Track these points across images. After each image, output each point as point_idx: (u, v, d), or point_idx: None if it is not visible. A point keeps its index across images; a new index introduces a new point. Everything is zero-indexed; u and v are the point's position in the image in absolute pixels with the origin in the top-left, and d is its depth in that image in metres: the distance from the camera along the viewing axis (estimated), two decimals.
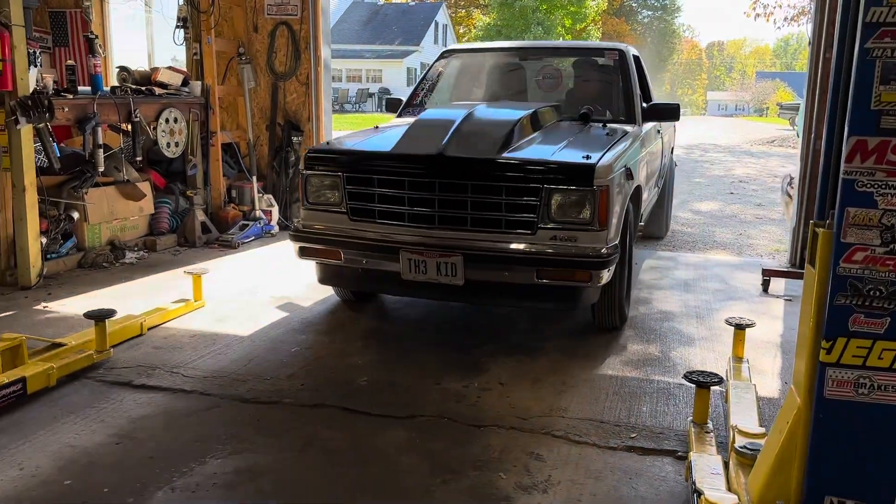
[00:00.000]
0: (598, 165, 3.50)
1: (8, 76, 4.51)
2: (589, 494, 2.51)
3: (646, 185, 4.83)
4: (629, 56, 5.28)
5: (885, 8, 1.69)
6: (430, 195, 3.62)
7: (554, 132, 4.27)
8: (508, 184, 3.54)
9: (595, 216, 3.48)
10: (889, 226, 1.76)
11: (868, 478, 1.87)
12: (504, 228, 3.56)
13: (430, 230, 3.63)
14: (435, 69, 5.72)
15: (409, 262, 3.62)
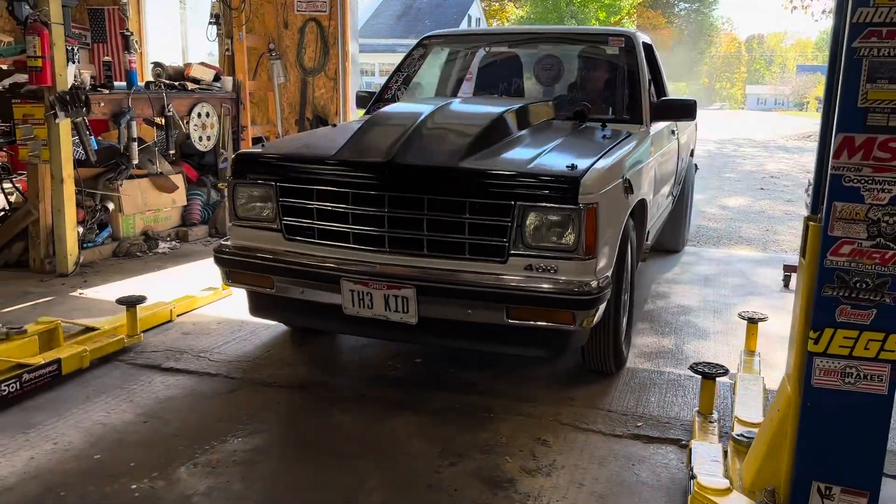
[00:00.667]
0: (584, 177, 2.80)
1: (47, 72, 4.70)
2: (591, 478, 2.59)
3: (654, 196, 4.08)
4: (638, 43, 4.43)
5: (872, 9, 1.74)
6: (378, 212, 2.95)
7: (539, 134, 3.54)
8: (472, 199, 2.84)
9: (581, 241, 2.78)
10: (875, 220, 1.81)
11: (853, 464, 1.93)
12: (468, 254, 2.88)
13: (379, 254, 2.98)
14: (413, 58, 4.86)
15: (351, 293, 2.94)
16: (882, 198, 1.80)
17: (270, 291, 3.20)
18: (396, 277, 2.90)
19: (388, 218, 2.95)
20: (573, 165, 2.87)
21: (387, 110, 3.78)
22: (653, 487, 2.56)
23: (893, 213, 1.80)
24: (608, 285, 2.92)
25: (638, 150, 3.63)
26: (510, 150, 3.17)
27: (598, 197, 2.82)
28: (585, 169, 2.87)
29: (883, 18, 1.74)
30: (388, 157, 2.98)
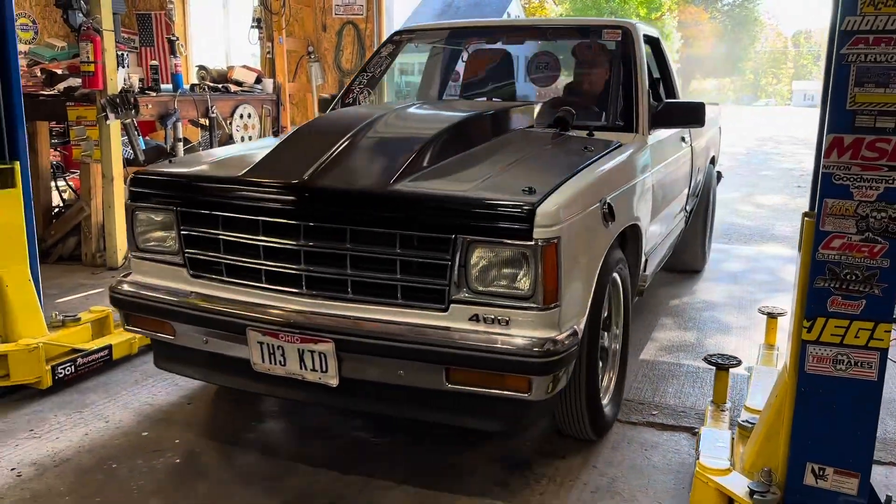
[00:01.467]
0: (542, 205, 2.22)
1: (99, 77, 4.99)
2: (604, 461, 2.73)
3: (655, 217, 3.52)
4: (636, 37, 3.73)
5: (859, 17, 1.85)
6: (292, 245, 2.41)
7: (504, 148, 2.93)
8: (404, 231, 2.29)
9: (538, 286, 2.21)
10: (864, 216, 1.92)
11: (845, 446, 2.04)
12: (401, 299, 2.34)
13: (296, 298, 2.44)
14: (380, 56, 4.21)
15: (259, 346, 2.42)
16: (870, 195, 1.91)
17: (171, 340, 2.68)
18: (311, 329, 2.35)
19: (304, 253, 2.40)
20: (530, 189, 2.28)
21: (321, 118, 3.30)
22: (663, 471, 2.69)
23: (881, 209, 1.90)
24: (575, 341, 2.32)
25: (629, 164, 3.09)
26: (459, 169, 2.60)
27: (562, 229, 2.24)
28: (545, 194, 2.28)
29: (869, 26, 1.84)
30: (304, 178, 2.41)
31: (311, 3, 7.44)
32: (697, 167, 4.72)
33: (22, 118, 3.36)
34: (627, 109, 3.52)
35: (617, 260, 2.84)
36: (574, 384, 2.61)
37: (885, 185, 1.90)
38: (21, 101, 3.36)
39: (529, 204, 2.22)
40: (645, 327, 4.25)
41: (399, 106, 3.26)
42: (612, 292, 2.89)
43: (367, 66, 4.21)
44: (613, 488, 2.55)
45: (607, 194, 2.69)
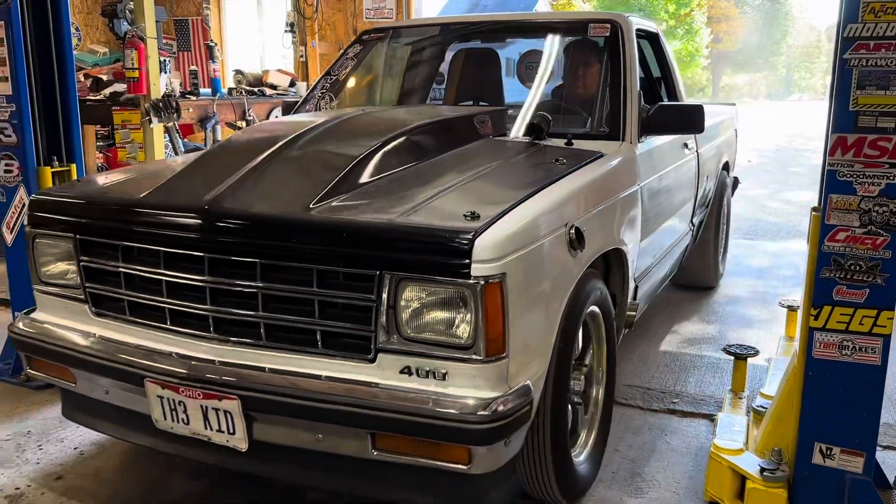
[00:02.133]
0: (481, 236, 1.83)
1: (143, 82, 5.24)
2: (626, 445, 2.88)
3: (645, 238, 3.07)
4: (626, 33, 3.26)
5: (860, 24, 1.98)
6: (197, 280, 2.06)
7: (457, 162, 2.52)
8: (321, 265, 1.94)
9: (479, 334, 1.84)
10: (866, 210, 2.05)
11: (850, 427, 2.16)
12: (321, 347, 1.98)
13: (204, 343, 2.09)
14: (346, 58, 3.81)
15: (160, 401, 2.09)
16: (872, 190, 2.04)
17: (73, 388, 2.36)
18: (213, 383, 2.00)
19: (209, 290, 2.05)
20: (473, 214, 1.91)
21: (245, 131, 3.00)
22: (681, 454, 2.83)
23: (883, 203, 2.03)
24: (529, 399, 1.95)
25: (609, 178, 2.70)
26: (398, 189, 2.20)
27: (509, 264, 1.86)
28: (490, 220, 1.90)
29: (870, 33, 1.97)
30: (207, 201, 2.07)
31: (342, 7, 7.65)
32: (706, 175, 4.26)
33: (77, 123, 3.59)
34: (614, 114, 3.07)
35: (593, 291, 2.41)
36: (535, 443, 2.19)
37: (887, 181, 2.02)
38: (77, 108, 3.59)
39: (466, 234, 1.82)
40: (668, 320, 4.37)
41: (341, 114, 2.81)
42: (591, 328, 2.54)
43: (331, 68, 3.79)
44: (633, 469, 2.70)
45: (577, 216, 2.28)
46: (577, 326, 2.29)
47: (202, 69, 7.22)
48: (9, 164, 3.39)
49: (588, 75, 3.45)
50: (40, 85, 3.47)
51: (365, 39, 3.89)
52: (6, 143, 3.38)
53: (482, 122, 2.96)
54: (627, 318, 2.91)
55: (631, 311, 2.91)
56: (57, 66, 3.52)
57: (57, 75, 3.52)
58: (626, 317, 2.90)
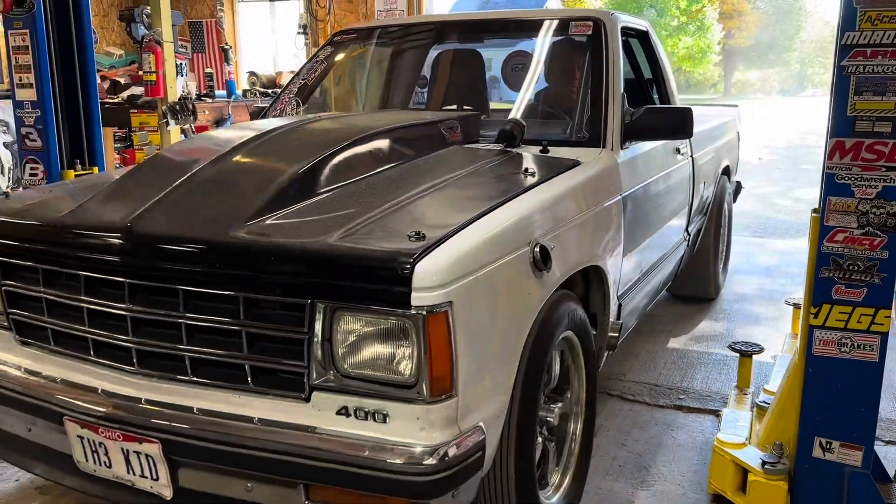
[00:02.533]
0: (423, 260, 1.63)
1: (160, 85, 5.35)
2: (633, 440, 2.96)
3: (630, 252, 2.84)
4: (610, 32, 3.06)
5: (857, 32, 2.04)
6: (119, 308, 1.89)
7: (413, 174, 2.31)
8: (248, 293, 1.75)
9: (422, 371, 1.64)
10: (864, 212, 2.11)
11: (849, 422, 2.23)
12: (252, 384, 1.79)
13: (129, 377, 1.92)
14: (317, 61, 3.63)
15: (80, 441, 1.92)
16: (869, 193, 2.10)
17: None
18: (133, 424, 1.83)
19: (131, 320, 1.87)
20: (418, 234, 1.70)
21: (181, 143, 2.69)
22: (687, 448, 2.90)
23: (880, 205, 2.10)
24: (482, 444, 1.75)
25: (585, 189, 2.47)
26: (341, 206, 2.00)
27: (456, 291, 1.66)
28: (436, 241, 1.70)
29: (867, 40, 2.04)
30: (127, 222, 1.88)
31: (354, 9, 7.74)
32: (702, 181, 4.04)
33: (99, 127, 3.72)
34: (594, 119, 2.86)
35: (566, 315, 2.21)
36: (496, 490, 1.98)
37: (884, 184, 2.09)
38: (99, 112, 3.72)
39: (406, 257, 1.61)
40: (676, 317, 4.44)
41: (292, 122, 2.61)
42: (567, 355, 2.36)
43: (300, 72, 3.60)
44: (640, 463, 2.78)
45: (544, 232, 2.08)
46: (544, 356, 2.07)
47: (217, 71, 7.34)
48: (34, 167, 3.51)
49: (568, 77, 3.26)
50: (63, 90, 3.58)
51: (337, 41, 3.66)
52: (31, 147, 3.50)
53: (450, 128, 2.75)
54: (610, 339, 2.65)
55: (613, 332, 2.66)
56: (79, 71, 3.62)
57: (79, 80, 3.62)
58: (609, 339, 2.65)
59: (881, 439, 2.96)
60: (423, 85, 3.83)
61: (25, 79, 3.40)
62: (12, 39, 3.38)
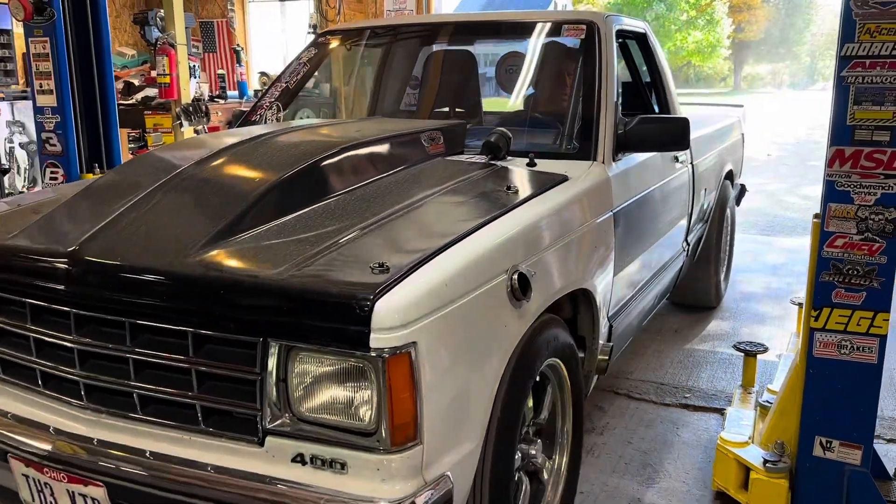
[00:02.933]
0: (382, 298, 1.50)
1: (174, 87, 5.44)
2: (638, 438, 3.03)
3: (622, 271, 2.69)
4: (604, 36, 2.89)
5: (856, 44, 2.10)
6: (66, 339, 1.77)
7: (387, 191, 2.16)
8: (197, 329, 1.63)
9: (383, 418, 1.52)
10: (863, 218, 2.17)
11: (849, 421, 2.29)
12: (203, 425, 1.66)
13: (78, 412, 1.80)
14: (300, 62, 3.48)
15: (26, 481, 1.83)
16: (868, 199, 2.16)
17: None
18: (77, 466, 1.73)
19: (78, 352, 1.75)
20: (381, 266, 1.57)
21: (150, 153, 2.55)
22: (692, 446, 2.97)
23: (878, 212, 2.15)
24: (449, 494, 1.63)
25: (572, 207, 2.32)
26: (304, 230, 1.86)
27: (423, 330, 1.54)
28: (400, 274, 1.57)
29: (866, 52, 2.09)
30: (73, 247, 1.76)
31: (363, 8, 7.80)
32: (703, 189, 3.89)
33: (117, 131, 3.80)
34: (585, 130, 2.72)
35: (550, 342, 2.07)
36: None
37: (882, 191, 2.15)
38: (116, 116, 3.80)
39: (365, 295, 1.48)
40: (683, 316, 4.50)
41: (261, 133, 2.44)
42: (552, 382, 2.22)
43: (281, 74, 3.46)
44: (645, 460, 2.85)
45: (524, 258, 1.94)
46: (524, 389, 1.94)
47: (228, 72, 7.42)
48: (54, 171, 3.60)
49: (560, 84, 3.13)
50: (82, 95, 3.66)
51: (321, 42, 3.51)
52: (51, 151, 3.59)
53: (432, 139, 2.60)
54: (599, 363, 2.51)
55: (603, 355, 2.51)
56: (97, 76, 3.71)
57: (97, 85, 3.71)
58: (598, 362, 2.50)
59: (882, 437, 3.03)
60: (414, 86, 3.66)
61: (46, 85, 3.48)
62: (33, 47, 3.46)
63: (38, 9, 3.36)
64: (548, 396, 2.21)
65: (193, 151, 2.24)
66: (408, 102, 3.67)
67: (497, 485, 1.85)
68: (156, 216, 1.89)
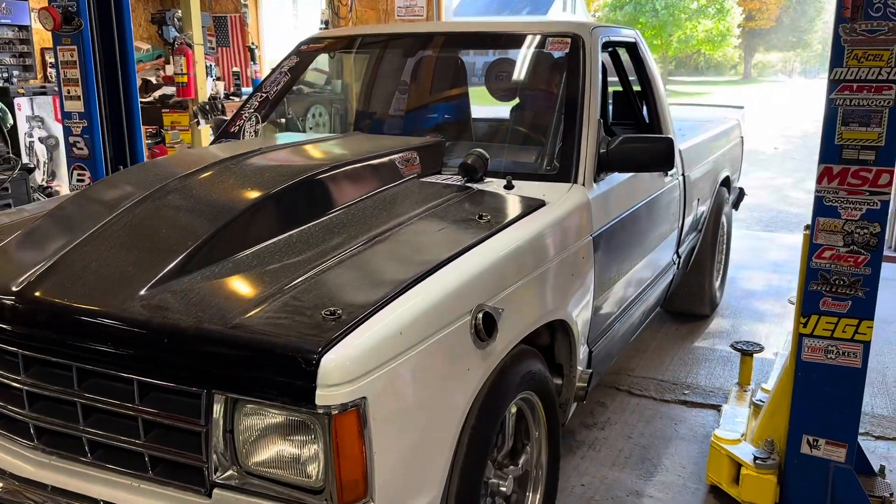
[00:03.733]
0: (331, 351, 1.43)
1: (191, 87, 5.60)
2: (638, 433, 3.19)
3: (602, 295, 2.62)
4: (589, 50, 2.80)
5: (845, 69, 2.23)
6: (14, 381, 1.74)
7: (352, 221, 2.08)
8: (141, 377, 1.59)
9: (330, 476, 1.47)
10: (850, 231, 2.31)
11: (834, 422, 2.44)
12: (152, 472, 1.63)
13: (30, 452, 1.77)
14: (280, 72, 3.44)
15: None
16: (854, 215, 2.30)
17: None
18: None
19: (27, 395, 1.73)
20: (333, 314, 1.51)
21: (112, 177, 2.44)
22: (689, 441, 3.13)
23: (864, 226, 2.29)
24: None
25: (547, 238, 2.22)
26: (259, 267, 1.80)
27: (374, 384, 1.48)
28: (346, 328, 1.48)
29: (854, 76, 2.22)
30: (17, 286, 1.72)
31: (374, 6, 7.93)
32: (696, 199, 3.82)
33: (140, 134, 3.96)
34: (565, 150, 2.62)
35: (521, 377, 2.00)
36: None
37: (867, 207, 2.29)
38: (140, 120, 3.96)
39: (310, 349, 1.42)
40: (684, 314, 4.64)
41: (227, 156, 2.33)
42: (526, 415, 2.17)
43: (262, 84, 3.38)
44: (644, 455, 3.01)
45: (491, 295, 1.85)
46: (490, 431, 1.85)
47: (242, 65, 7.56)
48: (81, 173, 3.76)
49: (542, 100, 3.04)
50: (107, 100, 3.82)
51: (303, 51, 3.43)
52: (78, 154, 3.75)
53: (408, 160, 2.51)
54: (577, 391, 2.43)
55: (582, 382, 2.43)
56: (121, 82, 3.87)
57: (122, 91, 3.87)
58: (577, 389, 2.43)
59: (871, 434, 3.17)
60: (403, 91, 3.54)
61: (73, 91, 3.63)
62: (61, 55, 3.61)
63: (66, 18, 3.51)
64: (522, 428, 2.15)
65: (153, 178, 2.14)
66: (397, 108, 3.55)
67: None
68: (109, 251, 1.82)
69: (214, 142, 3.28)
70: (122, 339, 1.60)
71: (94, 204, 2.07)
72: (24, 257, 1.87)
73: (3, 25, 7.30)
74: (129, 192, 2.06)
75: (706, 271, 4.33)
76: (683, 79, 45.56)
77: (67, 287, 1.70)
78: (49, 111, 6.84)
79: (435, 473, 1.69)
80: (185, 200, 2.02)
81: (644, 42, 3.47)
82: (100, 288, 1.70)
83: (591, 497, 2.72)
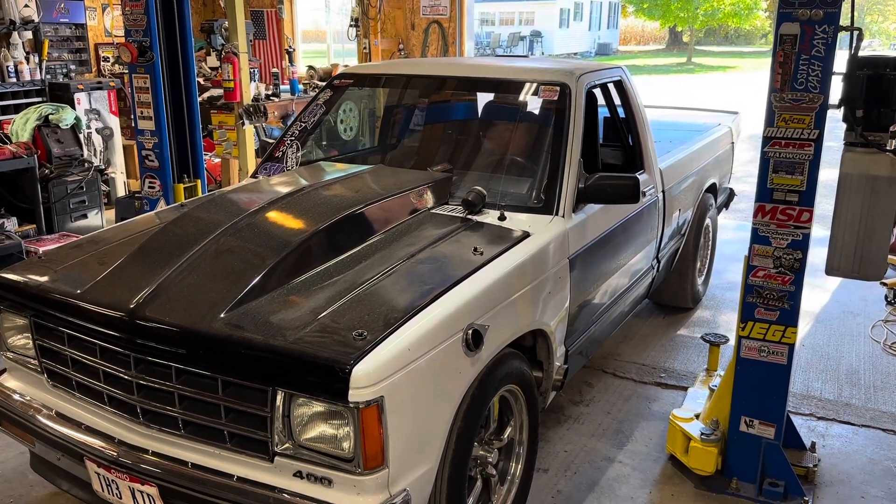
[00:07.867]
0: (359, 364, 2.01)
1: (237, 91, 6.21)
2: (617, 410, 3.81)
3: (579, 304, 3.16)
4: (573, 99, 3.28)
5: (775, 128, 2.80)
6: (126, 374, 2.31)
7: (378, 251, 2.65)
8: (223, 376, 2.17)
9: (359, 450, 2.05)
10: (778, 257, 2.90)
11: (766, 405, 3.05)
12: (230, 444, 2.21)
13: (135, 426, 2.35)
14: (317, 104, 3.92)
15: (97, 476, 2.41)
16: (782, 243, 2.88)
17: (33, 448, 2.68)
18: (137, 470, 2.29)
19: (136, 385, 2.30)
20: (360, 335, 2.09)
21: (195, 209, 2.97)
22: (658, 418, 3.75)
23: (789, 253, 2.88)
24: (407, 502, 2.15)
25: (530, 264, 2.74)
26: (307, 294, 2.37)
27: (389, 386, 2.04)
28: (371, 344, 2.06)
29: (782, 135, 2.79)
30: (130, 307, 2.28)
31: (401, 4, 8.46)
32: (678, 209, 4.31)
33: (200, 147, 4.61)
34: (550, 186, 3.10)
35: (505, 374, 2.58)
36: None
37: (792, 238, 2.87)
38: (200, 135, 4.60)
39: (345, 362, 2.00)
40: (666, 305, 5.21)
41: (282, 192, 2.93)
42: (511, 402, 2.75)
43: (301, 114, 3.88)
44: (619, 428, 3.64)
45: (480, 315, 2.41)
46: (477, 416, 2.43)
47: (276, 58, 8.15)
48: (152, 182, 4.43)
49: (531, 140, 3.52)
50: (173, 119, 4.47)
51: (336, 85, 3.94)
52: (150, 166, 4.41)
53: (420, 195, 3.04)
54: (555, 382, 3.04)
55: (559, 375, 3.04)
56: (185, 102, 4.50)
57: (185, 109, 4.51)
58: (554, 381, 3.03)
59: (815, 416, 3.77)
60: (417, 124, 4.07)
61: (146, 112, 4.27)
62: (135, 81, 4.25)
63: (141, 52, 4.14)
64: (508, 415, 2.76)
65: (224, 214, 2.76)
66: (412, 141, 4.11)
67: (451, 493, 2.38)
68: (197, 278, 2.38)
69: (263, 163, 3.81)
70: (208, 349, 2.17)
71: (182, 237, 2.63)
72: (131, 281, 2.42)
73: (62, 24, 7.97)
74: (211, 225, 2.65)
75: (688, 271, 4.86)
76: (711, 48, 45.10)
77: (167, 307, 2.27)
78: (104, 104, 7.53)
79: (434, 448, 2.28)
80: (253, 234, 2.62)
81: (629, 77, 3.96)
82: (192, 309, 2.25)
83: (571, 461, 3.36)
